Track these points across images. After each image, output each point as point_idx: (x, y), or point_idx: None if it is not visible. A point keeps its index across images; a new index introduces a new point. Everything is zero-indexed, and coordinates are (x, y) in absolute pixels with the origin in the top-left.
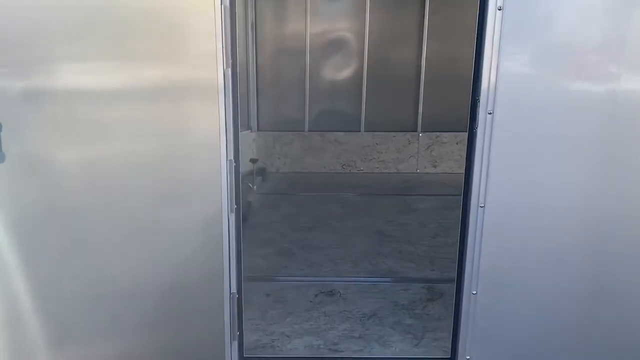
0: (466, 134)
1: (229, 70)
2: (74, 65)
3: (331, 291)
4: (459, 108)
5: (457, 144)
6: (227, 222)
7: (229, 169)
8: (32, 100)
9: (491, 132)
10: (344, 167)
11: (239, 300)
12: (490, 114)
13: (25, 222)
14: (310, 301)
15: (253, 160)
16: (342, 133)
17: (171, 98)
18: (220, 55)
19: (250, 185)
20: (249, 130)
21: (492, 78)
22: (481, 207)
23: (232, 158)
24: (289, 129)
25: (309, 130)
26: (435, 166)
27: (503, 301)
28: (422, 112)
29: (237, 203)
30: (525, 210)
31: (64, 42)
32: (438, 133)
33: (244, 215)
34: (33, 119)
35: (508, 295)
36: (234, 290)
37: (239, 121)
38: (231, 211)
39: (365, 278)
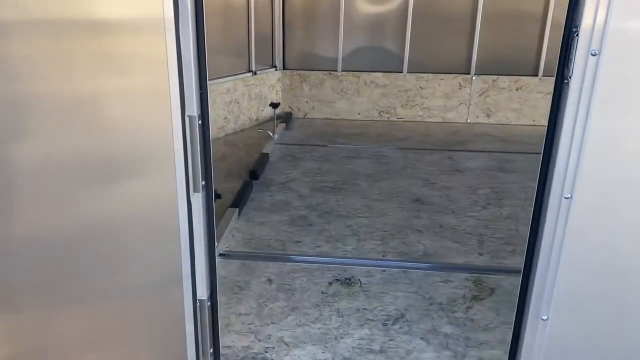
0: (531, 79)
1: None
2: None
3: (350, 279)
4: (523, 47)
5: (517, 90)
6: (185, 205)
7: (190, 129)
8: None
9: (593, 83)
10: (381, 114)
11: (212, 307)
12: (594, 55)
13: None
14: (323, 292)
15: (274, 105)
16: (381, 74)
17: (106, 27)
18: None
19: (270, 134)
20: (273, 69)
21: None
22: (567, 198)
23: (195, 113)
24: (320, 67)
25: (342, 70)
26: (488, 116)
27: (587, 333)
28: (478, 51)
29: (206, 178)
30: (637, 205)
31: None
32: (495, 76)
33: (255, 172)
34: None
35: (596, 325)
36: (202, 295)
37: (206, 60)
38: (195, 189)
39: (395, 262)
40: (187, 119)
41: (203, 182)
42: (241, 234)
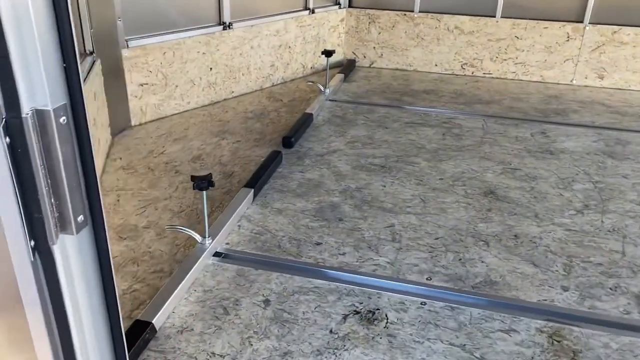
0: None
1: None
2: None
3: (374, 313)
4: None
5: None
6: (27, 262)
7: (41, 131)
8: None
9: None
10: (464, 67)
11: None
12: None
13: None
14: (332, 330)
15: (327, 52)
16: (468, 18)
17: None
18: None
19: (321, 88)
20: (337, 7)
21: None
22: None
23: (48, 105)
24: (393, 7)
25: (420, 11)
26: (601, 77)
27: None
28: None
29: (90, 207)
30: None
31: None
32: (616, 27)
33: (290, 139)
34: None
35: None
36: None
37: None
38: (64, 229)
39: (441, 292)
40: (28, 116)
41: (81, 217)
42: (250, 224)
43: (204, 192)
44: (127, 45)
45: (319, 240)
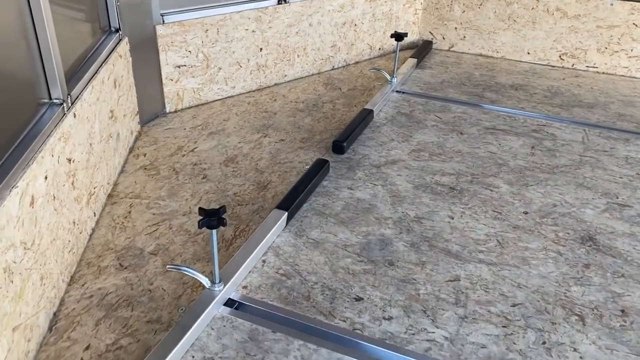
0: None
1: None
2: None
3: None
4: None
5: None
6: None
7: None
8: None
9: None
10: (563, 57)
11: None
12: None
13: None
14: None
15: (397, 36)
16: None
17: None
18: None
19: (387, 77)
20: None
21: None
22: None
23: None
24: None
25: None
26: None
27: None
28: None
29: None
30: None
31: None
32: None
33: (341, 144)
34: None
35: None
36: None
37: None
38: None
39: None
40: None
41: None
42: (278, 260)
43: (214, 231)
44: (163, 21)
45: (360, 294)
